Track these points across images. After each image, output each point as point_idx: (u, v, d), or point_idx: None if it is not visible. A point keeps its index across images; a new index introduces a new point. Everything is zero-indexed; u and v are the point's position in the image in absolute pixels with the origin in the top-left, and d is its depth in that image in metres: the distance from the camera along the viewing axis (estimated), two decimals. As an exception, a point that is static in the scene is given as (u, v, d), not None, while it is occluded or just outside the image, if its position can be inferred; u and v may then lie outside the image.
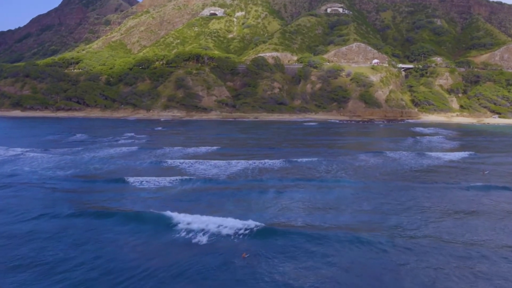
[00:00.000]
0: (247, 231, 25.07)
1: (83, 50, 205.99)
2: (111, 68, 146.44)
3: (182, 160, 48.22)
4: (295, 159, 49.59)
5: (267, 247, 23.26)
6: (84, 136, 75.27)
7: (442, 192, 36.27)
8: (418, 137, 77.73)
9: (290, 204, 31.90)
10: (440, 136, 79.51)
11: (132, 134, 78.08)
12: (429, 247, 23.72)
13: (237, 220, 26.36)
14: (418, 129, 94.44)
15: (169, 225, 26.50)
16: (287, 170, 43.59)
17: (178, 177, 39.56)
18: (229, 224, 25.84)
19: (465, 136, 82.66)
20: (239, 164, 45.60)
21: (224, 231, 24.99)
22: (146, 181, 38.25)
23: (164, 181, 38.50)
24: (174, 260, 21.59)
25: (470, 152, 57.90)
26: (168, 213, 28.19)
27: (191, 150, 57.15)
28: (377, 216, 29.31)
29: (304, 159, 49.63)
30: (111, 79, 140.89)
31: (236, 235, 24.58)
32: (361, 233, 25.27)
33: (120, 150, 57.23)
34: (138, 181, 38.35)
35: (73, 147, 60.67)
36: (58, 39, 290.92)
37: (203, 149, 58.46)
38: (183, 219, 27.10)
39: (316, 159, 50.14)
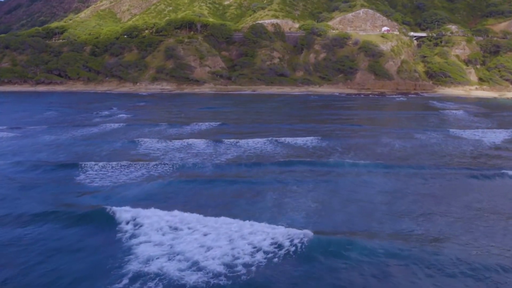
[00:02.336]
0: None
1: (70, 20, 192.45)
2: (96, 38, 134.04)
3: (162, 143, 38.13)
4: (302, 141, 39.48)
5: None
6: (55, 113, 65.13)
7: (507, 188, 26.62)
8: (441, 113, 67.49)
9: (304, 204, 22.22)
10: (466, 112, 69.27)
11: (112, 110, 67.71)
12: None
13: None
14: (437, 103, 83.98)
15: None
16: (293, 156, 33.40)
17: (151, 167, 29.70)
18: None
19: (493, 111, 72.38)
20: (231, 150, 35.47)
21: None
22: (105, 174, 28.34)
23: (132, 172, 28.61)
24: None
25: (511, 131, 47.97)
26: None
27: (174, 130, 46.76)
28: (437, 224, 19.53)
29: (314, 141, 39.50)
30: (96, 49, 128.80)
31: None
32: (437, 253, 15.91)
33: (90, 131, 47.14)
34: (91, 174, 28.45)
35: (36, 126, 50.63)
36: (48, 9, 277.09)
37: (188, 128, 48.25)
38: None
39: (327, 141, 39.99)
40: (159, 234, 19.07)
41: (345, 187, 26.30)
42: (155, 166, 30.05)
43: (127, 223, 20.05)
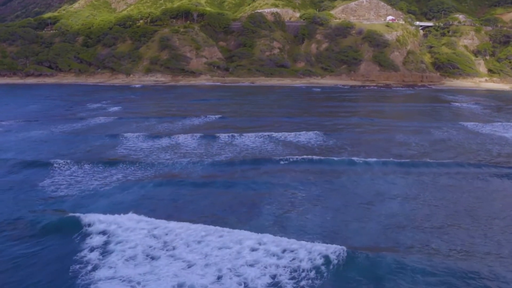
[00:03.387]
0: None
1: (64, 10, 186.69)
2: (89, 28, 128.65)
3: (149, 142, 33.62)
4: (305, 137, 35.05)
5: None
6: (40, 107, 60.64)
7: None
8: (453, 106, 63.02)
9: (312, 222, 17.72)
10: (479, 105, 64.74)
11: (101, 104, 62.95)
12: None
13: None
14: (447, 96, 79.24)
15: None
16: (296, 155, 28.81)
17: (130, 172, 25.22)
18: None
19: (508, 105, 67.83)
20: (225, 149, 30.86)
21: None
22: (74, 179, 23.87)
23: (107, 177, 24.17)
24: None
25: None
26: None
27: (164, 126, 42.16)
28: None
29: (319, 138, 35.12)
30: (89, 40, 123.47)
31: None
32: None
33: (72, 126, 42.60)
34: (59, 179, 24.05)
35: (14, 121, 46.18)
36: (43, 0, 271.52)
37: (179, 123, 43.59)
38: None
39: (334, 138, 35.59)
40: (131, 265, 14.73)
41: (360, 195, 21.86)
42: (135, 170, 25.57)
43: (92, 250, 15.70)
